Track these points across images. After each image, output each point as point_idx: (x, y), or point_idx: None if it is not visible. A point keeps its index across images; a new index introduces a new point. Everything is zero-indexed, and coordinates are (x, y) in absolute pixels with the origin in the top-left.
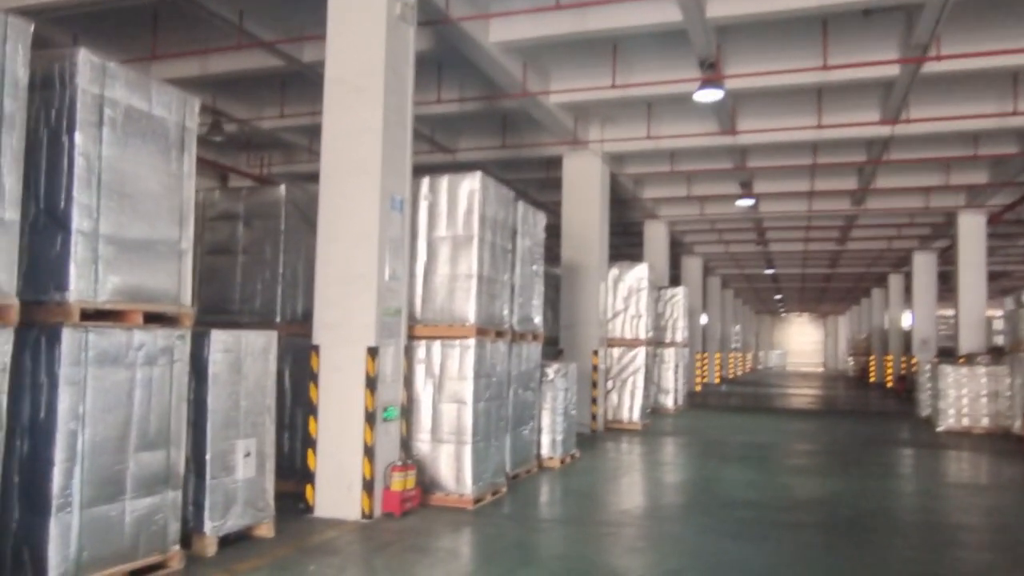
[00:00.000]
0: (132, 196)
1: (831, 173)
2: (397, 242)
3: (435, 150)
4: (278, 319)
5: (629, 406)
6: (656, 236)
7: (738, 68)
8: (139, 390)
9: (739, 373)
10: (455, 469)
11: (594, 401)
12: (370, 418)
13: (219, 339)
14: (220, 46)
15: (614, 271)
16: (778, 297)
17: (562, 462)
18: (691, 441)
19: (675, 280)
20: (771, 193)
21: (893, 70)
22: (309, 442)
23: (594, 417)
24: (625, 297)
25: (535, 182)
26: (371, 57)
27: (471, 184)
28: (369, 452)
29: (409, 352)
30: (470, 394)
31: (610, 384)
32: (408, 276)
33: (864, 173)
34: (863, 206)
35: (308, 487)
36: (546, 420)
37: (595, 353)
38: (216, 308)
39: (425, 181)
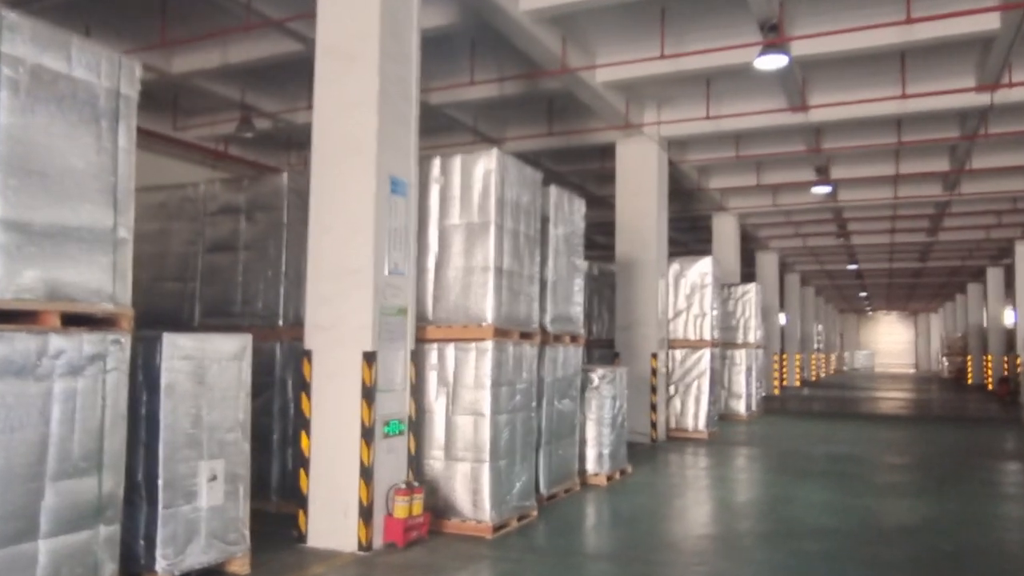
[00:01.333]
0: (44, 174)
1: (919, 153)
2: (400, 231)
3: (478, 140)
4: (280, 321)
5: (693, 413)
6: (725, 230)
7: (804, 29)
8: (58, 406)
9: (822, 375)
10: (471, 491)
11: (653, 408)
12: (367, 434)
13: (174, 344)
14: (233, 26)
15: (675, 266)
16: (863, 294)
17: (610, 479)
18: (763, 452)
19: (749, 278)
20: (851, 179)
21: (992, 22)
22: (302, 461)
23: (653, 426)
24: (687, 295)
25: (592, 175)
26: (365, 19)
27: (487, 163)
28: (367, 473)
29: (419, 357)
30: (487, 405)
31: (672, 389)
32: (415, 270)
33: (957, 152)
34: (957, 191)
35: (301, 513)
36: (591, 432)
37: (654, 356)
38: (217, 311)
39: (436, 162)
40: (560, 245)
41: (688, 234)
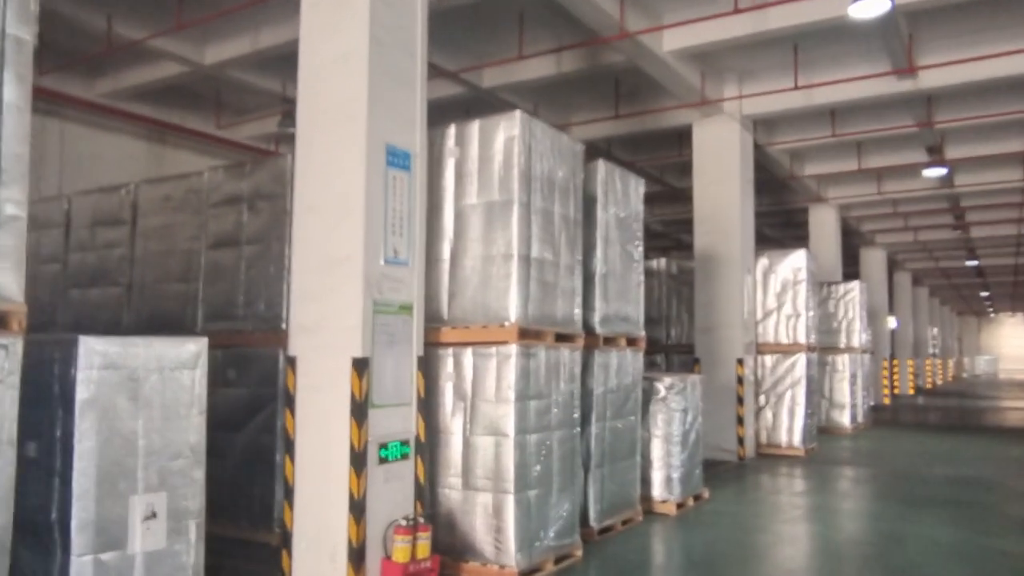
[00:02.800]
0: None
1: None
2: (401, 212)
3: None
4: (284, 324)
5: (787, 426)
6: (823, 223)
7: None
8: None
9: (939, 382)
10: (493, 529)
11: (740, 422)
12: (357, 459)
13: (94, 350)
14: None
15: (763, 261)
16: (985, 294)
17: (681, 506)
18: (870, 474)
19: (853, 278)
20: (969, 159)
21: None
22: (286, 491)
23: (740, 442)
24: (778, 292)
25: (672, 166)
26: None
27: (508, 128)
28: (357, 507)
29: (431, 364)
30: (511, 423)
31: (762, 400)
32: (423, 260)
33: None
34: None
35: (285, 554)
36: (657, 451)
37: (740, 362)
38: (219, 314)
39: (450, 130)
40: (611, 231)
41: (782, 230)
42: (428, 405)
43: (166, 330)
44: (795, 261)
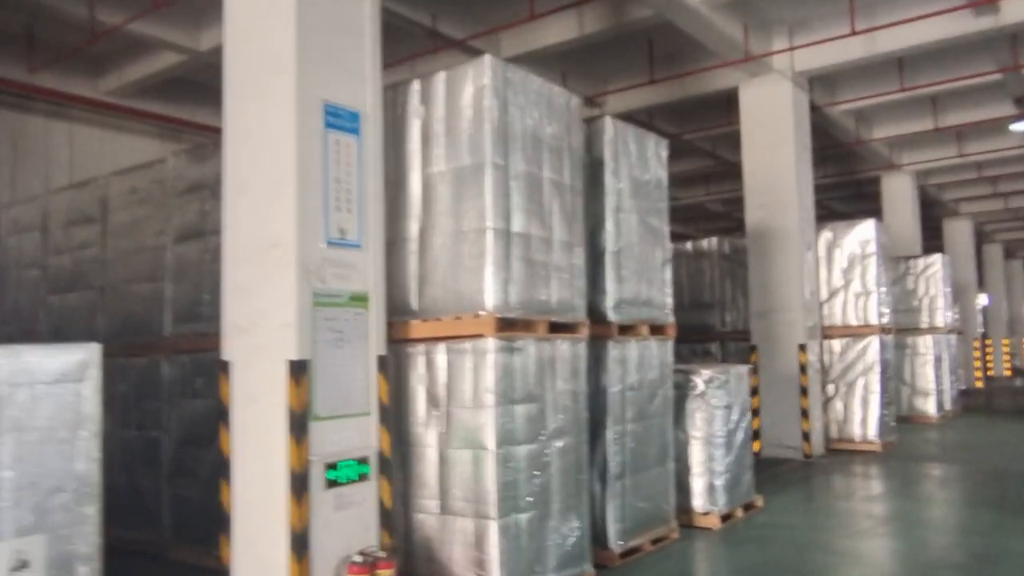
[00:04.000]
0: None
1: None
2: (349, 184)
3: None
4: None
5: (861, 418)
6: (898, 192)
7: None
8: None
9: None
10: (474, 562)
11: (804, 415)
12: (297, 483)
13: None
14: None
15: (826, 235)
16: None
17: (727, 518)
18: (960, 472)
19: (936, 252)
20: None
21: None
22: (222, 520)
23: (806, 437)
24: (845, 269)
25: (724, 139)
26: None
27: (477, 77)
28: (298, 541)
29: (401, 364)
30: (491, 432)
31: (831, 389)
32: (381, 241)
33: None
34: None
35: None
36: (696, 455)
37: (802, 348)
38: (188, 315)
39: (414, 86)
40: (625, 200)
41: (853, 203)
42: (396, 414)
43: (137, 336)
44: (863, 233)
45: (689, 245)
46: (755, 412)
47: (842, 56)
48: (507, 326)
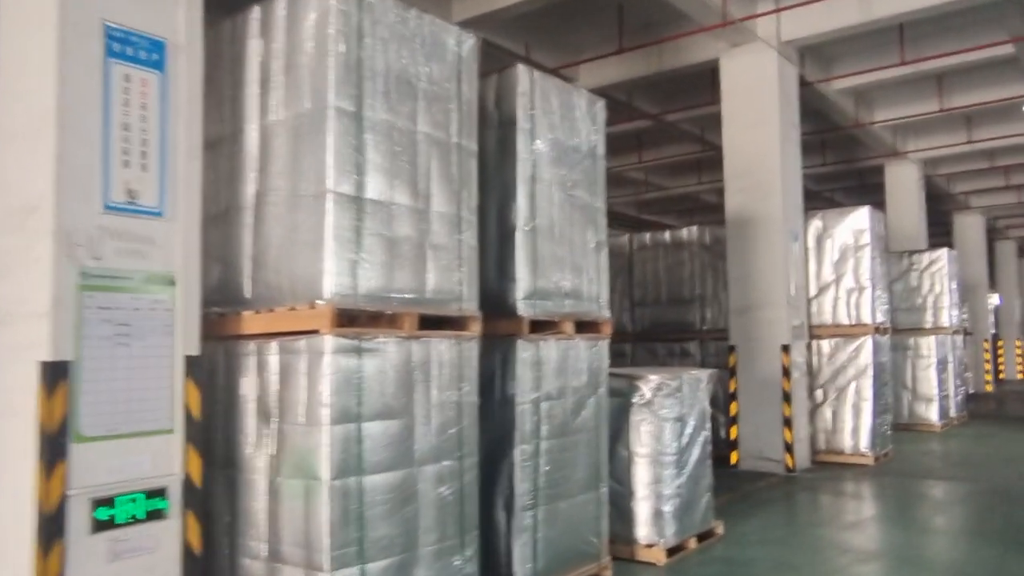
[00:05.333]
0: None
1: None
2: (146, 133)
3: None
4: None
5: (852, 427)
6: (902, 182)
7: None
8: None
9: None
10: None
11: (787, 424)
12: (47, 526)
13: None
14: None
15: (816, 223)
16: None
17: (676, 552)
18: (958, 492)
19: (945, 247)
20: None
21: None
22: None
23: (789, 448)
24: (836, 262)
25: (713, 121)
26: None
27: (321, 1)
28: None
29: (231, 367)
30: (324, 458)
31: (819, 395)
32: (196, 208)
33: None
34: None
35: None
36: (641, 476)
37: (785, 349)
38: None
39: (254, 15)
40: (544, 168)
41: (856, 195)
42: (225, 430)
43: None
44: (856, 222)
45: (667, 235)
46: (733, 420)
47: (834, 22)
48: (353, 320)
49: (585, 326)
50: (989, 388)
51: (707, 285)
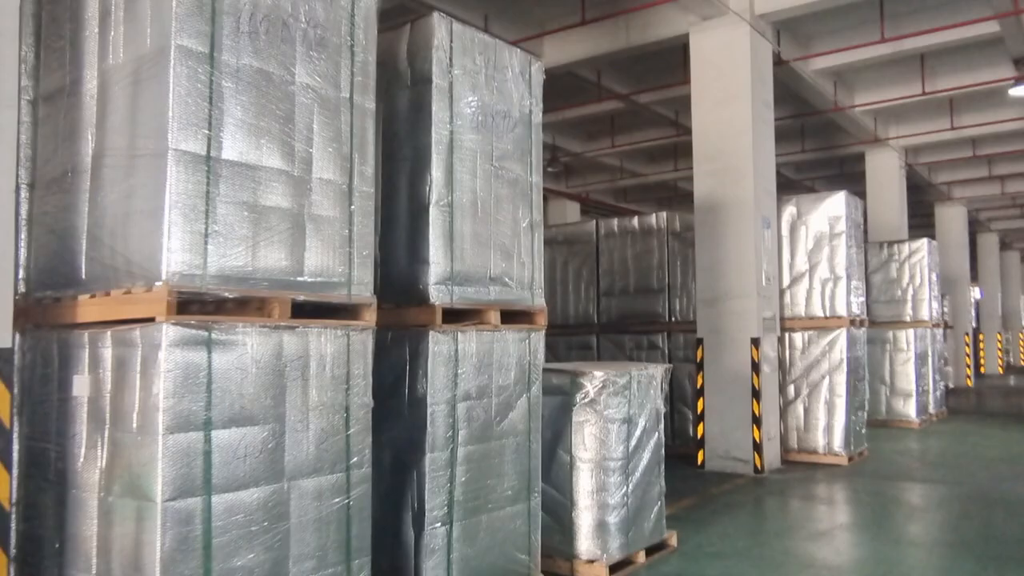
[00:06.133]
0: None
1: None
2: None
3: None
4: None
5: (825, 425)
6: (883, 169)
7: None
8: None
9: None
10: None
11: (756, 422)
12: None
13: None
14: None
15: (790, 210)
16: None
17: (621, 567)
18: (933, 496)
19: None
20: None
21: None
22: None
23: (757, 448)
24: (811, 250)
25: (686, 104)
26: None
27: None
28: None
29: (65, 361)
30: (158, 476)
31: (791, 391)
32: (7, 170)
33: None
34: None
35: None
36: (583, 484)
37: (755, 343)
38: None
39: None
40: (465, 135)
41: (836, 184)
42: (58, 439)
43: None
44: (832, 208)
45: (636, 221)
46: (700, 417)
47: None
48: (202, 306)
49: (515, 316)
50: (969, 383)
51: (676, 275)
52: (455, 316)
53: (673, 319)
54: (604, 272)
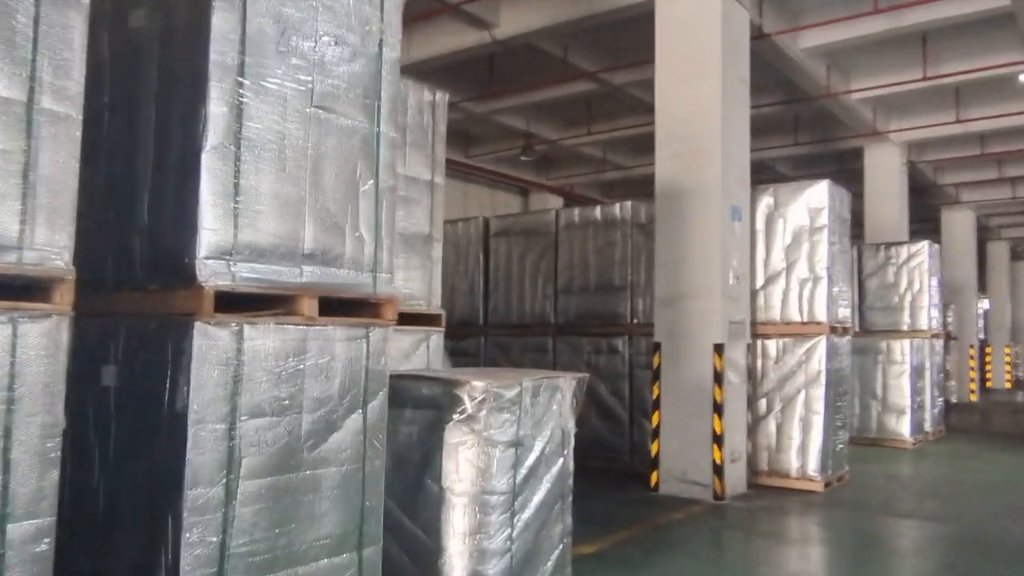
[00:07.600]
0: None
1: None
2: None
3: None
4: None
5: (799, 445)
6: (883, 165)
7: None
8: None
9: None
10: None
11: (717, 441)
12: None
13: None
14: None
15: (766, 200)
16: None
17: None
18: (917, 538)
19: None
20: None
21: None
22: None
23: (717, 471)
24: (788, 246)
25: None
26: None
27: None
28: None
29: None
30: None
31: (763, 405)
32: None
33: None
34: None
35: None
36: (456, 523)
37: (718, 349)
38: None
39: None
40: (267, 60)
41: (835, 182)
42: None
43: None
44: (813, 198)
45: (598, 211)
46: (655, 433)
47: None
48: None
49: (346, 306)
50: (973, 398)
51: (640, 271)
52: (243, 303)
53: (635, 320)
54: (563, 267)
